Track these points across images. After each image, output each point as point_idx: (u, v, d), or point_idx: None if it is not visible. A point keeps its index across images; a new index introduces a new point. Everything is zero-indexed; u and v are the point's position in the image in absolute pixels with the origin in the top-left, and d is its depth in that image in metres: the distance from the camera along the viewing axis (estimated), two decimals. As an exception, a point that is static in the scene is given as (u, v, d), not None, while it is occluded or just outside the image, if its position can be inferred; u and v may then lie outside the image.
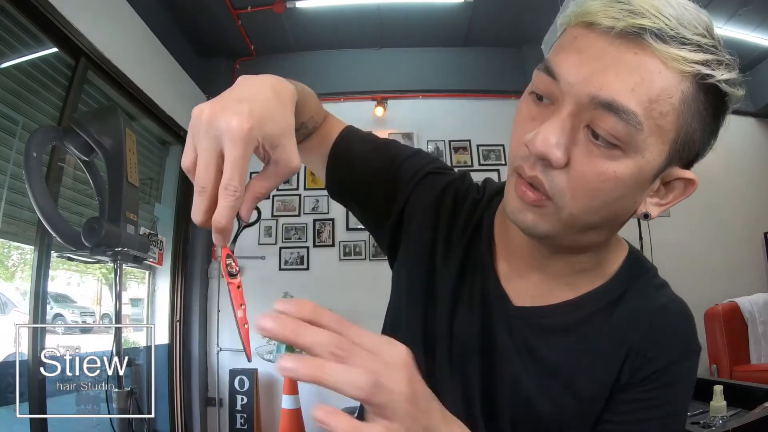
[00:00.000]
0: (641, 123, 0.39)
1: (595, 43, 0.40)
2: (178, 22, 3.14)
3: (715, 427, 1.08)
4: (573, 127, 0.41)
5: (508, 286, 0.54)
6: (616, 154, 0.41)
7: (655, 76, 0.39)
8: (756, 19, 3.23)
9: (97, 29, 2.19)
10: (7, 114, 1.92)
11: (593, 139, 0.41)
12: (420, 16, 3.24)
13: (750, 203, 3.66)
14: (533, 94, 0.45)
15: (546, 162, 0.42)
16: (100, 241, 1.59)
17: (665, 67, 0.39)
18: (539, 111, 0.44)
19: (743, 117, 3.92)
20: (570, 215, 0.43)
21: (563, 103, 0.41)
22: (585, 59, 0.41)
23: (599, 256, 0.52)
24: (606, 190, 0.42)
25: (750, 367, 2.58)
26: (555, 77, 0.42)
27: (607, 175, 0.41)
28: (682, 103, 0.40)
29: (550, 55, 0.44)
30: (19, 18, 1.91)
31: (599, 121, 0.40)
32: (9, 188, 1.89)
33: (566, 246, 0.49)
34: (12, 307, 1.93)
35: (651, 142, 0.41)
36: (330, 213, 3.32)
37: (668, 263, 3.32)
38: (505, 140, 3.63)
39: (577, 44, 0.42)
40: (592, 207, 0.43)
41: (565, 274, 0.52)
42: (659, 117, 0.40)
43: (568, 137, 0.41)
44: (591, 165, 0.41)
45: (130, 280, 2.90)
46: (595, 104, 0.40)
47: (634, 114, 0.39)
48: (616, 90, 0.39)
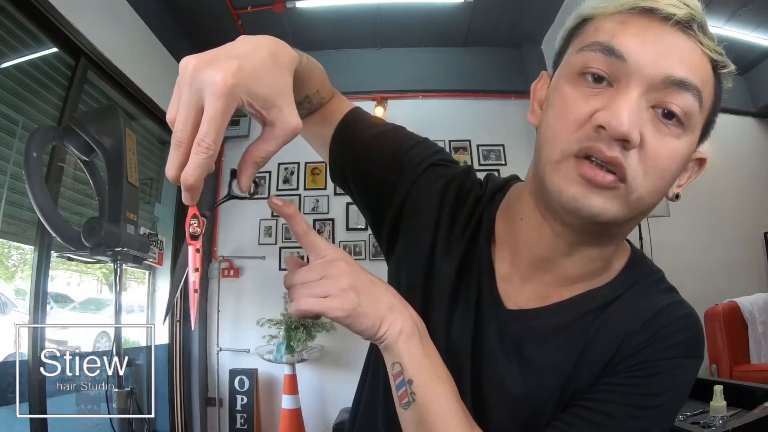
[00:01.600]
0: (703, 102, 0.43)
1: (651, 28, 0.42)
2: (178, 22, 3.14)
3: (715, 427, 1.08)
4: (642, 108, 0.42)
5: (506, 288, 0.53)
6: (680, 133, 0.43)
7: (701, 62, 0.43)
8: (756, 19, 3.23)
9: (97, 29, 2.19)
10: (7, 114, 1.92)
11: (663, 118, 0.42)
12: (420, 16, 3.24)
13: (750, 203, 3.66)
14: (586, 74, 0.44)
15: (623, 143, 0.41)
16: (100, 241, 1.59)
17: (704, 55, 0.43)
18: (597, 92, 0.43)
19: (743, 117, 3.92)
20: (639, 198, 0.43)
21: (630, 82, 0.42)
22: (649, 42, 0.42)
23: (611, 254, 0.51)
24: (673, 170, 0.44)
25: (750, 367, 2.58)
26: (622, 57, 0.42)
27: (677, 153, 0.43)
28: (711, 91, 0.44)
29: (596, 38, 0.44)
30: (19, 18, 1.91)
31: (673, 100, 0.42)
32: (9, 188, 1.89)
33: (609, 234, 0.48)
34: (12, 307, 1.93)
35: (697, 123, 0.44)
36: (330, 213, 3.32)
37: (668, 263, 3.30)
38: (505, 140, 3.65)
39: (632, 26, 0.43)
40: (660, 188, 0.44)
41: (573, 277, 0.51)
42: (706, 99, 0.43)
43: (642, 120, 0.42)
44: (664, 143, 0.42)
45: (130, 280, 2.90)
46: (667, 83, 0.41)
47: (700, 92, 0.42)
48: (685, 69, 0.42)
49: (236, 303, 3.16)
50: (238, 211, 3.35)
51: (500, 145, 3.40)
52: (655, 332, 0.48)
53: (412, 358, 0.46)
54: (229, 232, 3.32)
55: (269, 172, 3.40)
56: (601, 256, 0.50)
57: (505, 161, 3.36)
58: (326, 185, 3.37)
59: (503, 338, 0.52)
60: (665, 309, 0.49)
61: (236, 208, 3.36)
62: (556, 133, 0.45)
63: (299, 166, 3.40)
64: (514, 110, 3.49)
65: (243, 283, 3.22)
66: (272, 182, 3.38)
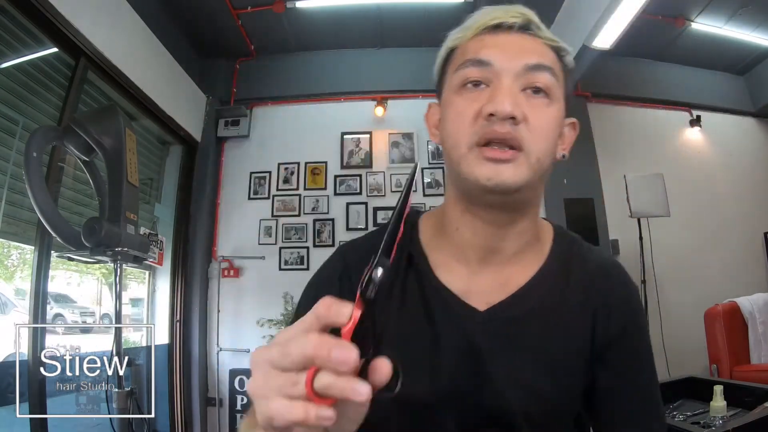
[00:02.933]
0: (557, 75, 0.56)
1: (502, 37, 0.56)
2: (178, 22, 3.14)
3: (715, 427, 1.08)
4: (516, 93, 0.53)
5: (469, 295, 0.58)
6: (548, 102, 0.55)
7: (545, 50, 0.57)
8: (756, 19, 3.23)
9: (97, 29, 2.18)
10: (7, 114, 1.92)
11: (534, 94, 0.54)
12: (420, 16, 3.23)
13: (750, 203, 3.66)
14: (467, 84, 0.55)
15: (512, 120, 0.52)
16: (100, 241, 1.59)
17: (546, 46, 0.57)
18: (477, 94, 0.54)
19: (743, 117, 3.92)
20: (537, 159, 0.54)
21: (501, 78, 0.54)
22: (503, 48, 0.55)
23: (536, 225, 0.62)
24: (553, 131, 0.56)
25: (750, 367, 2.57)
26: (489, 63, 0.54)
27: (551, 117, 0.55)
28: (560, 69, 0.58)
29: (465, 57, 0.56)
30: (19, 18, 1.91)
31: (536, 79, 0.54)
32: (9, 188, 1.89)
33: (525, 200, 0.57)
34: (12, 307, 1.93)
35: (559, 94, 0.56)
36: (330, 213, 3.32)
37: (668, 263, 3.33)
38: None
39: (488, 42, 0.56)
40: (548, 148, 0.56)
41: (515, 251, 0.60)
42: (559, 75, 0.57)
43: (519, 100, 0.53)
44: (540, 113, 0.54)
45: (130, 280, 2.90)
46: (527, 69, 0.54)
47: (552, 69, 0.56)
48: (536, 57, 0.55)
49: (236, 303, 3.16)
50: (238, 211, 3.35)
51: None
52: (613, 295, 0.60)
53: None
54: (229, 232, 3.32)
55: (269, 172, 3.39)
56: (528, 227, 0.60)
57: (505, 161, 3.36)
58: (326, 185, 3.37)
59: (491, 339, 0.56)
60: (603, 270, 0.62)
61: (236, 208, 3.36)
62: (459, 133, 0.55)
63: (299, 166, 3.40)
64: (514, 110, 3.49)
65: (243, 283, 3.22)
66: (272, 182, 3.38)
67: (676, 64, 3.79)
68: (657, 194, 2.94)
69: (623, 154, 3.48)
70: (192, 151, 3.32)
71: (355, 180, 3.37)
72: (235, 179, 3.40)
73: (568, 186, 3.24)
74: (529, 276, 0.59)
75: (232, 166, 3.44)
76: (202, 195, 3.27)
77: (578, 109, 3.43)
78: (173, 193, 3.20)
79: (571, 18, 3.03)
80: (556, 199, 3.22)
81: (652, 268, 3.09)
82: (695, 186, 3.59)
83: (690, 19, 3.28)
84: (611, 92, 3.63)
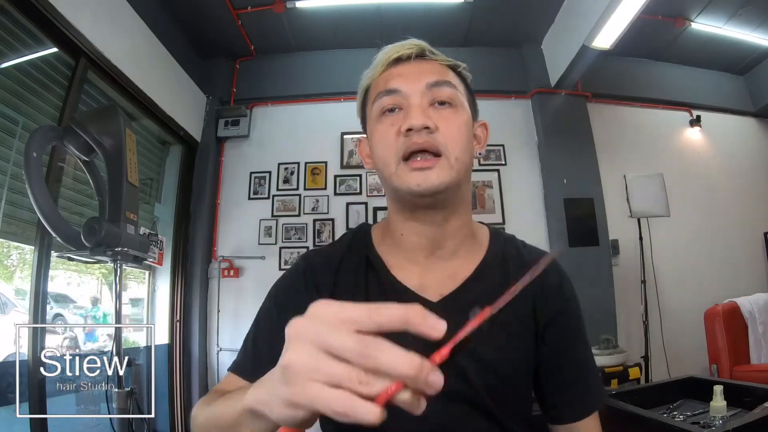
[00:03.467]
0: (455, 87, 0.67)
1: (403, 67, 0.67)
2: (178, 22, 3.14)
3: (715, 427, 1.08)
4: (425, 108, 0.64)
5: (424, 289, 0.66)
6: (454, 110, 0.65)
7: (442, 68, 0.68)
8: (756, 19, 3.23)
9: (97, 29, 2.18)
10: (7, 114, 1.92)
11: (440, 106, 0.65)
12: (420, 16, 3.24)
13: (750, 203, 3.66)
14: (383, 113, 0.66)
15: (427, 130, 0.62)
16: (100, 241, 1.59)
17: (441, 65, 0.69)
18: (394, 118, 0.65)
19: (743, 117, 3.92)
20: (456, 159, 0.63)
21: (410, 100, 0.64)
22: (406, 75, 0.66)
23: (470, 224, 0.71)
24: (463, 134, 0.65)
25: (750, 367, 2.57)
26: (398, 91, 0.65)
27: (460, 122, 0.65)
28: (458, 80, 0.69)
29: (378, 90, 0.67)
30: (19, 18, 1.91)
31: (438, 94, 0.65)
32: (9, 188, 1.89)
33: (454, 199, 0.66)
34: (12, 307, 1.93)
35: (462, 101, 0.67)
36: (330, 213, 3.32)
37: (668, 263, 3.33)
38: (505, 140, 3.65)
39: (393, 73, 0.67)
40: (463, 147, 0.64)
41: (456, 247, 0.69)
42: (459, 86, 0.68)
43: (428, 113, 0.63)
44: (449, 120, 0.64)
45: (130, 280, 2.90)
46: (430, 86, 0.64)
47: (452, 83, 0.66)
48: (435, 76, 0.66)
49: (236, 303, 3.16)
50: (238, 211, 3.35)
51: (500, 145, 3.40)
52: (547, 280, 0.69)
53: None
54: (229, 232, 3.32)
55: (269, 172, 3.39)
56: (463, 224, 0.69)
57: (505, 161, 3.36)
58: (326, 185, 3.37)
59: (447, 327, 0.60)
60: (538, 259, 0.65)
61: (236, 208, 3.36)
62: (386, 153, 0.65)
63: (299, 166, 3.40)
64: (514, 110, 3.49)
65: (243, 283, 3.22)
66: (272, 182, 3.38)
67: (676, 64, 3.79)
68: (657, 194, 2.94)
69: (623, 154, 3.47)
70: (192, 151, 3.33)
71: (355, 180, 3.37)
72: (235, 179, 3.40)
73: (568, 186, 3.24)
74: (472, 269, 0.68)
75: (232, 166, 3.44)
76: (202, 195, 3.27)
77: (578, 109, 3.43)
78: (173, 193, 3.20)
79: (571, 18, 3.03)
80: (556, 199, 3.22)
81: (652, 268, 3.09)
82: (695, 186, 3.59)
83: (690, 19, 3.28)
84: (611, 92, 3.63)
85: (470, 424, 0.62)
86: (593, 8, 2.67)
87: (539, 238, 3.25)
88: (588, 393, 0.68)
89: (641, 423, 1.13)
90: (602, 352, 2.68)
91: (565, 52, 3.08)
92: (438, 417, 0.60)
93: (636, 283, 3.07)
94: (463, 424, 0.62)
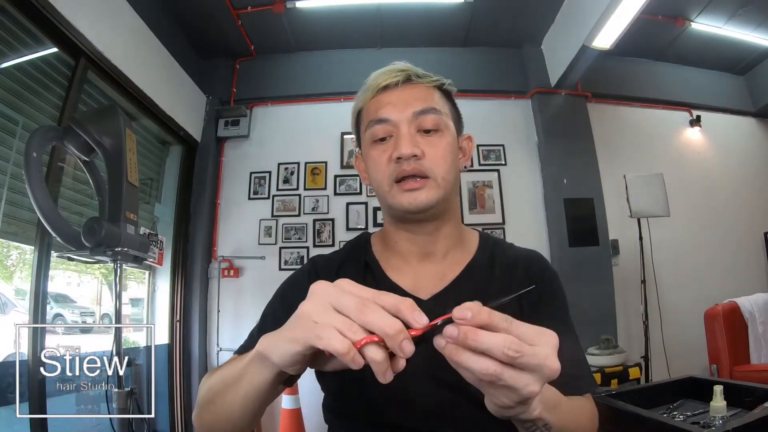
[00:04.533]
0: (440, 111, 0.72)
1: (391, 94, 0.73)
2: (178, 22, 3.14)
3: (715, 427, 1.08)
4: (413, 135, 0.70)
5: (416, 289, 0.72)
6: (440, 135, 0.72)
7: (428, 91, 0.74)
8: (756, 19, 3.23)
9: (97, 29, 2.18)
10: (7, 114, 1.92)
11: (425, 134, 0.71)
12: (420, 16, 3.24)
13: (750, 203, 3.66)
14: (375, 141, 0.73)
15: (415, 158, 0.69)
16: (100, 241, 1.59)
17: (428, 87, 0.74)
18: (385, 145, 0.72)
19: (743, 117, 3.92)
20: (442, 179, 0.70)
21: (399, 128, 0.71)
22: (395, 103, 0.72)
23: (459, 230, 0.78)
24: (448, 154, 0.72)
25: (750, 367, 2.57)
26: (388, 120, 0.71)
27: (445, 145, 0.72)
28: (444, 100, 0.75)
29: (369, 118, 0.74)
30: (19, 18, 1.91)
31: (424, 122, 0.71)
32: (9, 188, 1.89)
33: (443, 211, 0.74)
34: (12, 307, 1.93)
35: (447, 122, 0.74)
36: (330, 213, 3.32)
37: (668, 263, 3.33)
38: (505, 140, 3.64)
39: (383, 101, 0.73)
40: (449, 166, 0.71)
41: (446, 252, 0.76)
42: (442, 108, 0.73)
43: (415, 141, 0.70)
44: (435, 146, 0.71)
45: (130, 280, 2.90)
46: (416, 115, 0.71)
47: (436, 109, 0.72)
48: (421, 103, 0.71)
49: (236, 303, 3.16)
50: (238, 211, 3.35)
51: (500, 145, 3.40)
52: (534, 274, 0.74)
53: (551, 413, 0.50)
54: (229, 232, 3.32)
55: (269, 172, 3.39)
56: (452, 231, 0.77)
57: (505, 161, 3.36)
58: (326, 185, 3.37)
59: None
60: (527, 257, 0.78)
61: (236, 208, 3.36)
62: (380, 176, 0.72)
63: (299, 166, 3.40)
64: (514, 110, 3.49)
65: (243, 283, 3.22)
66: (272, 182, 3.38)
67: (676, 64, 3.79)
68: (657, 194, 2.94)
69: (623, 154, 3.48)
70: (192, 151, 3.33)
71: (355, 180, 3.37)
72: (235, 179, 3.40)
73: (568, 186, 3.24)
74: (460, 270, 0.74)
75: (232, 166, 3.44)
76: (202, 195, 3.27)
77: (578, 109, 3.43)
78: (173, 193, 3.20)
79: (571, 18, 3.03)
80: (556, 199, 3.22)
81: (652, 268, 3.09)
82: (695, 186, 3.59)
83: (690, 19, 3.28)
84: (611, 92, 3.63)
85: (458, 410, 0.64)
86: (593, 8, 2.67)
87: (539, 238, 3.26)
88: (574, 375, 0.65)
89: (641, 423, 1.13)
90: (602, 352, 2.69)
91: (565, 52, 3.08)
92: (428, 403, 0.64)
93: (636, 283, 3.07)
94: (451, 410, 0.64)
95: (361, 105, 0.78)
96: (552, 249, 3.22)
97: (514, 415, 0.45)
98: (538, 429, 0.50)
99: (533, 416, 0.46)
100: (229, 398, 0.55)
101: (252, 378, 0.51)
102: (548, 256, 3.15)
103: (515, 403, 0.42)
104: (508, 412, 0.44)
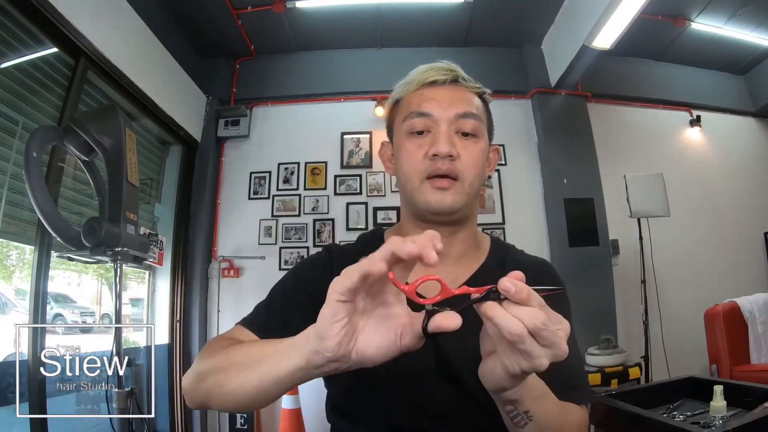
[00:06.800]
0: (480, 118, 0.74)
1: (437, 90, 0.73)
2: (178, 22, 3.14)
3: (715, 427, 1.08)
4: (451, 135, 0.71)
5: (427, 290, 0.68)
6: (476, 140, 0.73)
7: (472, 97, 0.75)
8: (756, 19, 3.23)
9: (97, 29, 2.18)
10: (7, 114, 1.92)
11: (463, 137, 0.72)
12: (420, 16, 3.24)
13: (750, 203, 3.66)
14: (412, 134, 0.73)
15: (450, 158, 0.70)
16: (100, 241, 1.59)
17: (471, 93, 0.75)
18: (422, 140, 0.72)
19: (743, 117, 3.92)
20: (469, 185, 0.71)
21: (439, 126, 0.71)
22: (439, 101, 0.72)
23: (474, 235, 0.79)
24: (480, 161, 0.73)
25: (750, 367, 2.57)
26: (429, 114, 0.72)
27: (478, 151, 0.73)
28: (483, 108, 0.76)
29: (410, 109, 0.73)
30: (19, 18, 1.91)
31: (464, 125, 0.72)
32: (9, 188, 1.89)
33: (463, 216, 0.74)
34: (12, 307, 1.93)
35: (483, 130, 0.75)
36: (330, 213, 3.32)
37: (668, 263, 3.33)
38: (505, 140, 3.64)
39: (427, 95, 0.73)
40: (477, 174, 0.73)
41: (460, 254, 0.76)
42: (481, 115, 0.74)
43: (453, 141, 0.71)
44: (470, 150, 0.72)
45: (130, 280, 2.90)
46: (458, 117, 0.72)
47: (477, 114, 0.73)
48: (464, 106, 0.72)
49: (236, 303, 3.16)
50: (238, 211, 3.35)
51: (500, 145, 3.40)
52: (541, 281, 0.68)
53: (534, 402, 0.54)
54: (229, 232, 3.32)
55: (269, 172, 3.39)
56: (468, 235, 0.77)
57: (505, 161, 3.36)
58: (326, 185, 3.37)
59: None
60: (535, 263, 0.79)
61: (236, 208, 3.36)
62: (411, 170, 0.72)
63: (299, 166, 3.40)
64: (514, 110, 3.49)
65: (243, 283, 3.22)
66: (272, 182, 3.38)
67: (676, 64, 3.79)
68: (657, 194, 2.94)
69: (623, 154, 3.48)
70: (192, 151, 3.33)
71: (355, 180, 3.37)
72: (235, 179, 3.40)
73: (568, 186, 3.24)
74: (471, 273, 0.75)
75: (232, 166, 3.44)
76: (202, 195, 3.27)
77: (578, 109, 3.43)
78: (173, 193, 3.20)
79: (571, 18, 3.03)
80: (556, 199, 3.22)
81: (652, 268, 3.09)
82: (695, 186, 3.59)
83: (690, 19, 3.28)
84: (611, 92, 3.63)
85: (466, 413, 0.65)
86: (593, 8, 2.67)
87: (539, 238, 3.26)
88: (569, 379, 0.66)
89: (641, 423, 1.13)
90: (602, 352, 2.69)
91: (565, 52, 3.08)
92: (438, 404, 0.64)
93: (636, 283, 3.07)
94: (460, 412, 0.65)
95: (401, 95, 0.77)
96: (552, 249, 3.22)
97: (508, 388, 0.48)
98: (520, 415, 0.52)
99: (517, 396, 0.50)
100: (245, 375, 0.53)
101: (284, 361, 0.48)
102: (548, 256, 3.16)
103: (521, 372, 0.44)
104: (505, 382, 0.46)
